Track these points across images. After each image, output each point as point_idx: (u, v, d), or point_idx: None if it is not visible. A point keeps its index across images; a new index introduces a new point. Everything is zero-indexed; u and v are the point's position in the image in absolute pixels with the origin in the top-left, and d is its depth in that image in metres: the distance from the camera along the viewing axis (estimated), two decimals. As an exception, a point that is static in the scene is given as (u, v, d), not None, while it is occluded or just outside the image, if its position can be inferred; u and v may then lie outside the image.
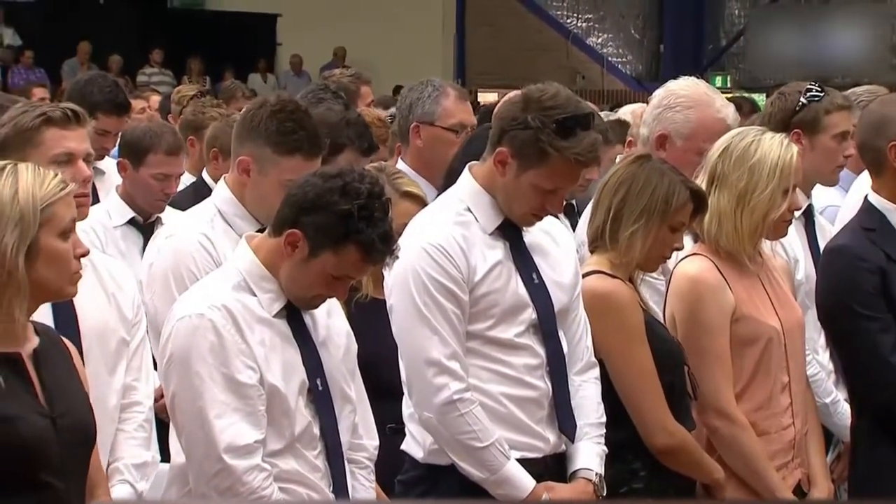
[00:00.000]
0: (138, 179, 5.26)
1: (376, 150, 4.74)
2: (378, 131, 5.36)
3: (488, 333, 3.68)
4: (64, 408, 2.95)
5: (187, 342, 3.33)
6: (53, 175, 2.95)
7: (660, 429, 3.86)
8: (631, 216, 3.90)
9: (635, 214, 3.89)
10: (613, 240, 3.92)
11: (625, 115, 6.81)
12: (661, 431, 3.86)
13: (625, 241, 3.90)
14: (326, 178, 3.35)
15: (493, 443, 3.62)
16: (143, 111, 8.62)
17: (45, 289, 2.94)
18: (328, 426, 3.43)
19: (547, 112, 3.60)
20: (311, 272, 3.35)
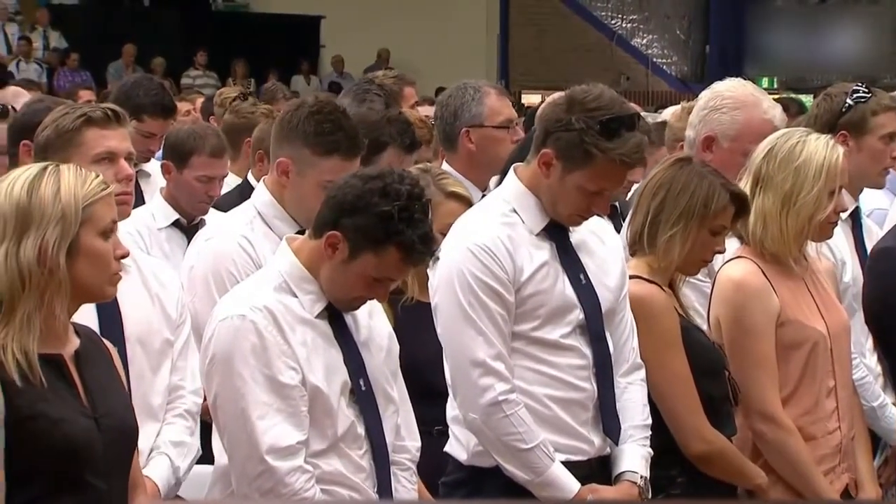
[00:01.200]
0: (182, 181, 5.28)
1: (419, 146, 4.75)
2: (420, 132, 5.37)
3: (534, 334, 3.68)
4: (106, 408, 2.97)
5: (229, 343, 3.35)
6: (95, 176, 2.98)
7: (696, 436, 3.84)
8: (669, 220, 3.89)
9: (674, 218, 3.88)
10: (652, 244, 3.91)
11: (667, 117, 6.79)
12: (696, 438, 3.84)
13: (663, 244, 3.89)
14: (366, 180, 3.36)
15: (538, 445, 3.62)
16: (187, 114, 8.64)
17: (85, 288, 2.96)
18: (373, 426, 3.44)
19: (591, 113, 3.60)
20: (352, 274, 3.36)
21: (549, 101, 4.09)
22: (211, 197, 5.32)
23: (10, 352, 2.84)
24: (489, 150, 4.98)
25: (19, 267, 2.86)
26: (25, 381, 2.84)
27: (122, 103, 5.57)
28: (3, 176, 3.00)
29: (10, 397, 2.82)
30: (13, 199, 2.90)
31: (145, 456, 3.56)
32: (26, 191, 2.90)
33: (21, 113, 4.67)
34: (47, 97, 5.67)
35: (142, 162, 5.84)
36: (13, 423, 2.82)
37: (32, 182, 2.91)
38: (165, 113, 5.95)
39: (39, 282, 2.87)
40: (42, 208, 2.88)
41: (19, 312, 2.86)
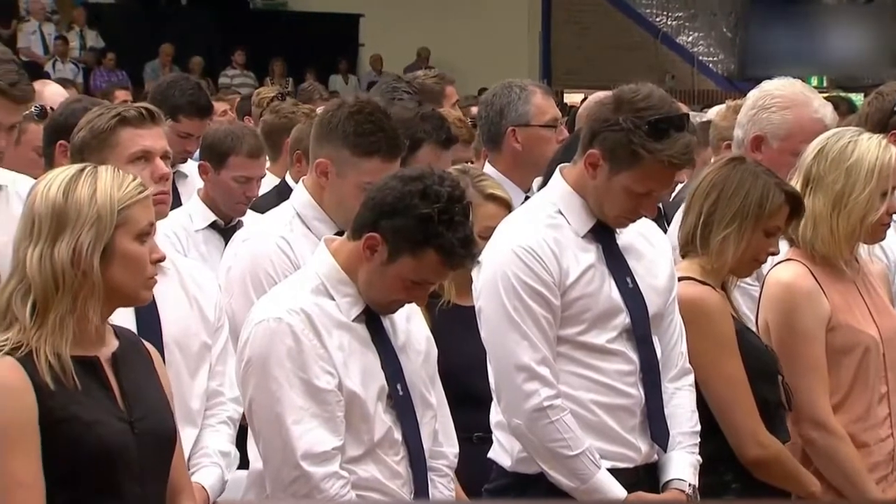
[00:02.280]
0: (219, 182, 5.29)
1: (455, 142, 4.74)
2: (459, 131, 5.36)
3: (580, 338, 3.66)
4: (143, 412, 2.97)
5: (265, 346, 3.35)
6: (132, 178, 2.98)
7: (752, 440, 3.82)
8: (723, 220, 3.87)
9: (727, 218, 3.86)
10: (704, 245, 3.89)
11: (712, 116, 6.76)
12: (752, 443, 3.82)
13: (716, 245, 3.87)
14: (406, 181, 3.35)
15: (584, 451, 3.60)
16: (224, 114, 8.66)
17: (120, 292, 2.96)
18: (410, 431, 3.44)
19: (639, 113, 3.58)
20: (390, 276, 3.36)
21: (596, 100, 4.08)
22: (248, 198, 5.33)
23: (43, 354, 2.85)
24: (535, 149, 4.97)
25: (53, 268, 2.87)
26: (58, 383, 2.85)
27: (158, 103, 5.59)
28: (41, 177, 3.01)
29: (43, 400, 2.83)
30: (49, 199, 2.90)
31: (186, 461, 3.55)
32: (62, 192, 2.90)
33: (57, 113, 4.69)
34: (85, 97, 5.69)
35: (179, 163, 5.86)
36: (47, 425, 2.84)
37: (69, 183, 2.92)
38: (202, 113, 5.97)
39: (73, 284, 2.87)
40: (77, 210, 2.89)
41: (52, 314, 2.86)
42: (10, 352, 2.85)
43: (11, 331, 2.87)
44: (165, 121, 3.80)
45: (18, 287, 2.88)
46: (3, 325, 2.89)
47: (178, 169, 5.94)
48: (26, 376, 2.83)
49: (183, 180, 6.05)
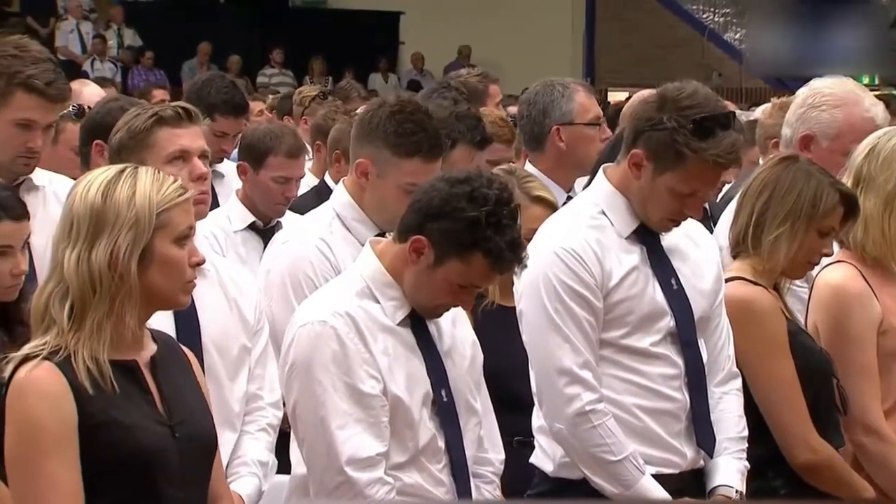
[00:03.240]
0: (258, 183, 5.30)
1: (490, 142, 4.73)
2: (502, 131, 5.35)
3: (623, 342, 3.65)
4: (183, 416, 2.97)
5: (309, 350, 3.35)
6: (173, 181, 2.97)
7: (802, 445, 3.80)
8: (775, 220, 3.85)
9: (779, 218, 3.84)
10: (756, 245, 3.87)
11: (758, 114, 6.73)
12: (803, 447, 3.80)
13: (768, 246, 3.85)
14: (453, 184, 3.34)
15: (628, 457, 3.59)
16: (260, 113, 8.67)
17: (158, 296, 2.95)
18: (453, 439, 3.43)
19: (684, 112, 3.57)
20: (437, 280, 3.35)
21: (641, 98, 4.06)
22: (287, 198, 5.34)
23: (81, 358, 2.85)
24: (579, 148, 4.96)
25: (90, 271, 2.87)
26: (97, 387, 2.85)
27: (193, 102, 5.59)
28: (81, 177, 3.01)
29: (81, 405, 2.84)
30: (88, 201, 2.90)
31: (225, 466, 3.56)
32: (101, 193, 2.90)
33: (94, 112, 4.71)
34: (122, 96, 5.71)
35: (215, 162, 5.87)
36: (86, 430, 2.84)
37: (108, 185, 2.91)
38: (237, 111, 5.97)
39: (110, 287, 2.87)
40: (116, 212, 2.89)
41: (89, 318, 2.87)
42: (48, 356, 2.85)
43: (49, 334, 2.88)
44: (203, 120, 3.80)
45: (56, 289, 2.89)
46: (41, 329, 2.90)
47: (215, 169, 5.95)
48: (65, 381, 2.84)
49: (220, 180, 6.05)
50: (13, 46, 4.25)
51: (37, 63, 4.20)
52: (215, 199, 5.82)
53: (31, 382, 2.83)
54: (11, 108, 4.19)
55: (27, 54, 4.21)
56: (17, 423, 2.85)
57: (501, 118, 5.56)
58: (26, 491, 2.85)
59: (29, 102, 4.19)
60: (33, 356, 2.85)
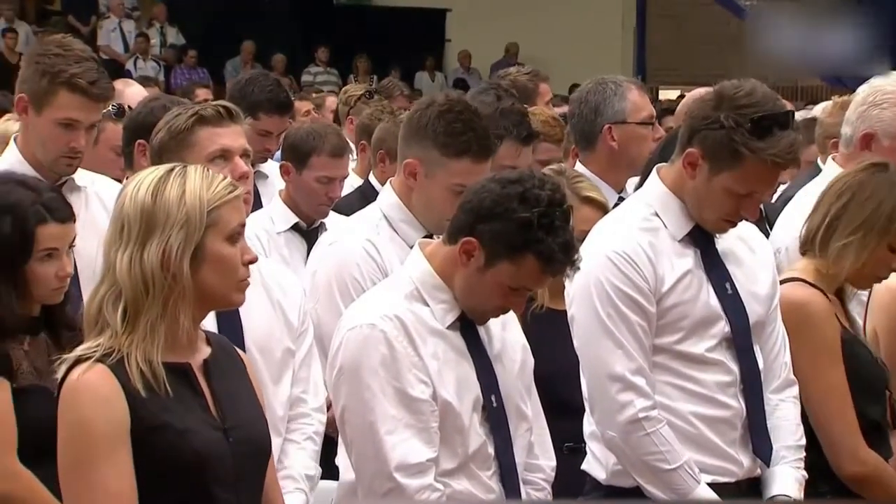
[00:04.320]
0: (301, 183, 5.31)
1: (536, 138, 4.71)
2: (552, 130, 5.32)
3: (677, 347, 3.64)
4: (236, 420, 2.97)
5: (358, 354, 3.35)
6: (222, 178, 2.98)
7: (850, 455, 3.78)
8: (848, 227, 3.82)
9: (853, 226, 3.81)
10: (824, 248, 3.84)
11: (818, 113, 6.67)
12: (850, 458, 3.78)
13: (835, 251, 3.82)
14: (505, 184, 3.33)
15: (682, 465, 3.58)
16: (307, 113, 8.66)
17: (211, 295, 2.95)
18: (503, 445, 3.42)
19: (741, 110, 3.54)
20: (487, 282, 3.34)
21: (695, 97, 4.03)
22: (331, 199, 5.34)
23: (134, 360, 2.85)
24: (632, 148, 4.93)
25: (143, 272, 2.87)
26: (150, 390, 2.85)
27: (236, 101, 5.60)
28: (130, 178, 3.02)
29: (134, 408, 2.84)
30: (138, 201, 2.91)
31: None
32: (151, 193, 2.91)
33: (136, 112, 4.73)
34: (164, 95, 5.72)
35: (259, 162, 5.88)
36: (139, 434, 2.85)
37: (158, 184, 2.92)
38: (281, 110, 5.96)
39: (163, 288, 2.87)
40: (166, 211, 2.89)
41: (143, 320, 2.87)
42: (101, 358, 2.86)
43: (103, 336, 2.88)
44: (245, 119, 3.80)
45: (109, 292, 2.89)
46: (94, 331, 2.90)
47: (258, 169, 5.96)
48: (117, 383, 2.84)
49: (263, 181, 6.06)
50: (56, 45, 4.28)
51: (80, 62, 4.22)
52: (259, 199, 5.84)
53: (84, 385, 2.84)
54: (54, 107, 4.22)
55: (70, 53, 4.24)
56: (69, 425, 2.86)
57: (553, 117, 5.54)
58: (79, 494, 2.86)
59: (72, 102, 4.21)
60: (86, 358, 2.86)
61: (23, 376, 3.51)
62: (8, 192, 3.59)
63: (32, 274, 3.55)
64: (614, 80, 5.03)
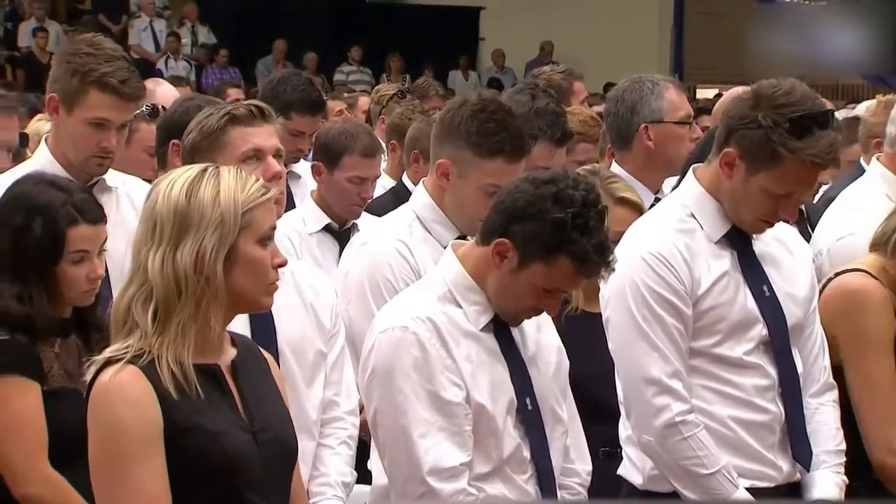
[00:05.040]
0: (333, 183, 5.31)
1: (570, 138, 4.70)
2: (591, 130, 5.31)
3: (714, 351, 3.63)
4: (264, 422, 2.97)
5: (390, 356, 3.35)
6: (255, 180, 2.97)
7: (883, 446, 3.79)
8: None
9: None
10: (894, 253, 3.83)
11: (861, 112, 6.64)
12: (883, 449, 3.79)
13: None
14: (538, 184, 3.33)
15: (720, 470, 3.57)
16: (340, 113, 8.67)
17: (242, 298, 2.95)
18: (539, 448, 3.42)
19: (780, 109, 3.53)
20: (521, 284, 3.34)
21: (733, 96, 4.02)
22: (363, 199, 5.34)
23: (166, 362, 2.85)
24: (668, 147, 4.91)
25: (175, 273, 2.86)
26: (181, 392, 2.85)
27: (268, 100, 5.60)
28: (162, 177, 3.02)
29: (166, 410, 2.84)
30: (171, 201, 2.90)
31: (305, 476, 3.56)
32: (185, 193, 2.90)
33: (170, 112, 4.74)
34: (198, 95, 5.73)
35: (291, 162, 5.89)
36: (170, 436, 2.85)
37: (192, 184, 2.91)
38: (314, 109, 5.97)
39: (195, 290, 2.87)
40: (200, 212, 2.88)
41: (174, 321, 2.86)
42: (131, 360, 2.86)
43: (132, 338, 2.88)
44: (277, 118, 3.81)
45: (140, 292, 2.88)
46: (122, 332, 2.90)
47: (291, 169, 5.97)
48: (149, 385, 2.84)
49: (296, 181, 6.08)
50: (87, 45, 4.30)
51: (111, 61, 4.24)
52: (291, 199, 5.85)
53: (116, 386, 2.84)
54: (85, 106, 4.24)
55: (101, 52, 4.25)
56: (100, 427, 2.86)
57: (591, 116, 5.52)
58: (113, 496, 2.86)
59: (103, 101, 4.23)
60: (116, 360, 2.86)
61: (53, 378, 3.54)
62: (39, 193, 3.61)
63: (63, 276, 3.57)
64: (651, 79, 5.01)
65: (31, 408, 3.49)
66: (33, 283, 3.55)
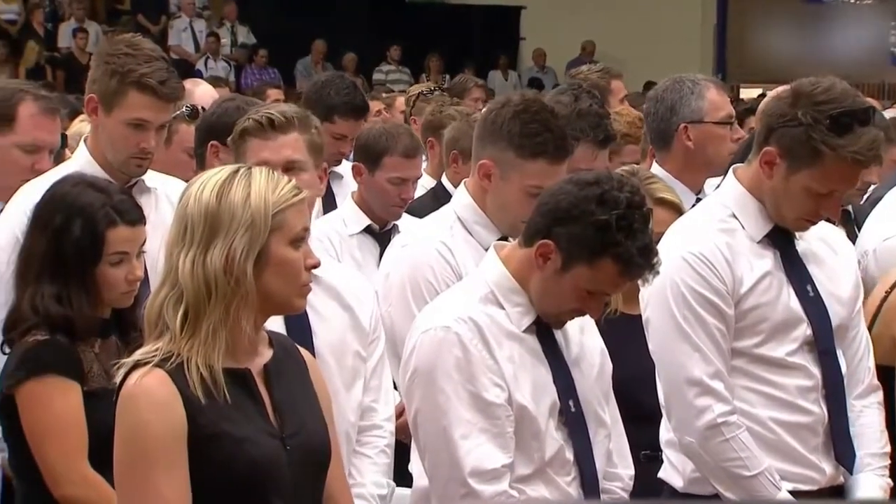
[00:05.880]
0: (374, 184, 5.31)
1: (613, 140, 4.69)
2: (638, 132, 5.30)
3: (756, 351, 3.62)
4: (295, 427, 2.97)
5: (432, 356, 3.35)
6: (287, 181, 2.97)
7: None
8: None
9: None
10: None
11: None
12: None
13: None
14: (583, 186, 3.32)
15: (763, 472, 3.56)
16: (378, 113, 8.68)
17: (273, 300, 2.94)
18: (582, 451, 3.41)
19: (820, 107, 3.52)
20: (564, 286, 3.34)
21: (773, 94, 4.01)
22: (404, 200, 5.34)
23: (195, 366, 2.85)
24: (708, 148, 4.90)
25: (205, 275, 2.86)
26: (209, 397, 2.85)
27: (312, 103, 5.64)
28: (195, 178, 3.03)
29: (192, 415, 2.84)
30: (202, 203, 2.90)
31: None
32: (216, 195, 2.90)
33: (209, 113, 4.76)
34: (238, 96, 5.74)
35: (333, 165, 5.91)
36: (195, 442, 2.84)
37: (223, 186, 2.91)
38: (357, 114, 5.97)
39: (226, 292, 2.86)
40: (231, 214, 2.88)
41: (204, 324, 2.86)
42: (159, 363, 2.86)
43: (162, 340, 2.88)
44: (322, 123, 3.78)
45: (171, 294, 2.89)
46: (153, 335, 2.91)
47: (333, 170, 5.99)
48: (175, 389, 2.84)
49: (338, 182, 6.09)
50: (126, 45, 4.32)
51: (150, 62, 4.26)
52: (333, 200, 5.87)
53: (141, 390, 2.84)
54: (124, 107, 4.26)
55: (140, 53, 4.28)
56: (125, 431, 2.87)
57: (639, 118, 5.51)
58: (132, 500, 2.87)
59: (142, 102, 4.25)
60: (144, 363, 2.86)
61: (93, 379, 3.56)
62: (78, 194, 3.63)
63: (103, 277, 3.59)
64: (692, 79, 5.00)
65: (71, 408, 3.52)
66: (73, 284, 3.57)
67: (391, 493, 3.76)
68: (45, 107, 4.61)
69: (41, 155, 4.58)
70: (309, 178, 3.64)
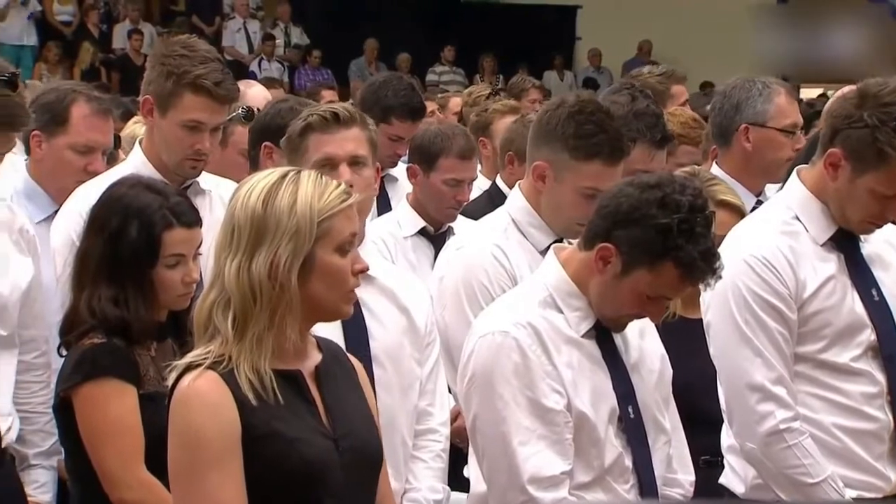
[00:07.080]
0: (429, 186, 5.31)
1: (671, 141, 4.66)
2: (693, 133, 5.28)
3: (820, 356, 3.60)
4: (347, 428, 2.97)
5: (490, 362, 3.34)
6: (336, 185, 2.96)
7: None
8: None
9: None
10: None
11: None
12: None
13: None
14: (644, 189, 3.31)
15: (826, 479, 3.55)
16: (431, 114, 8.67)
17: (319, 307, 2.94)
18: (641, 458, 3.40)
19: (886, 108, 3.50)
20: (624, 290, 3.33)
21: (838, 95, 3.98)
22: (459, 202, 5.34)
23: (243, 369, 2.86)
24: (766, 153, 4.86)
25: (251, 282, 2.86)
26: (260, 398, 2.86)
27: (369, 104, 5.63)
28: (243, 181, 3.03)
29: (244, 416, 2.85)
30: (249, 208, 2.90)
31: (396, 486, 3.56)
32: (262, 200, 2.90)
33: (263, 114, 4.77)
34: (291, 97, 5.75)
35: (388, 166, 5.92)
36: (248, 442, 2.85)
37: (269, 191, 2.91)
38: (414, 115, 5.95)
39: (270, 299, 2.86)
40: (276, 221, 2.88)
41: (250, 331, 2.87)
42: (211, 365, 2.87)
43: (214, 343, 2.90)
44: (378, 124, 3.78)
45: (219, 299, 2.90)
46: (205, 337, 2.92)
47: (387, 172, 5.99)
48: (228, 391, 2.85)
49: (393, 184, 6.10)
50: (181, 46, 4.34)
51: (205, 63, 4.28)
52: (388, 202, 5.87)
53: (195, 392, 2.86)
54: (179, 108, 4.28)
55: (195, 54, 4.30)
56: (179, 433, 2.89)
57: (693, 118, 5.48)
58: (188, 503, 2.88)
59: (197, 103, 4.27)
60: (196, 365, 2.88)
61: (149, 382, 3.58)
62: (135, 196, 3.65)
63: (159, 279, 3.61)
64: (764, 81, 4.95)
65: (127, 411, 3.53)
66: (129, 286, 3.59)
67: (447, 498, 3.76)
68: (98, 108, 4.64)
69: (94, 156, 4.61)
70: (370, 175, 3.65)
